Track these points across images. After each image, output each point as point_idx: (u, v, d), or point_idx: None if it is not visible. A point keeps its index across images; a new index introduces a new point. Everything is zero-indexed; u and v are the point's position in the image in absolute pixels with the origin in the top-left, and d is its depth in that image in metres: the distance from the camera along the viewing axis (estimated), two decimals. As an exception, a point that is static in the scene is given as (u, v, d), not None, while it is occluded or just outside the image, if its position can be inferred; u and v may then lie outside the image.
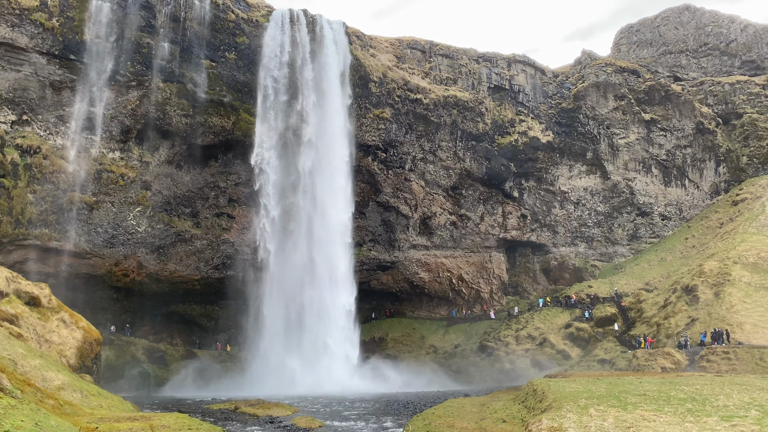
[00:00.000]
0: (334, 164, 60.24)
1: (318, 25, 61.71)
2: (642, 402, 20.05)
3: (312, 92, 59.94)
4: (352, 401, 40.22)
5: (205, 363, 59.24)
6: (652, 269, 69.08)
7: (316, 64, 60.45)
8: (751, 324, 46.61)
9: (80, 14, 50.78)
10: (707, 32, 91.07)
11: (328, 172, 60.06)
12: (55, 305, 35.33)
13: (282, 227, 58.94)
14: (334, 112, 60.49)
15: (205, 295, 64.12)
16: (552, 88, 78.00)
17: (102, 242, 53.70)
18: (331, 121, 60.42)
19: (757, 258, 54.59)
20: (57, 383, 25.51)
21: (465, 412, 27.61)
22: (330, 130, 60.39)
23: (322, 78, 60.59)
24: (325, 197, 59.55)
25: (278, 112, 58.57)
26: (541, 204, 75.30)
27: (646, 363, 46.77)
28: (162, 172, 56.73)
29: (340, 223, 59.51)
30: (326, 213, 59.20)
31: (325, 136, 60.33)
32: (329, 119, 60.41)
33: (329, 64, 60.94)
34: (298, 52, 59.82)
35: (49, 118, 50.50)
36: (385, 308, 75.34)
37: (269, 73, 58.42)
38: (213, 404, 37.56)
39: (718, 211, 73.43)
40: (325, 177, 59.91)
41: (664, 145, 77.26)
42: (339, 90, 60.84)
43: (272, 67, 58.50)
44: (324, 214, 59.16)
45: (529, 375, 54.67)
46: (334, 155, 60.38)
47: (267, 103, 58.17)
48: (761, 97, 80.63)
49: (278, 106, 58.57)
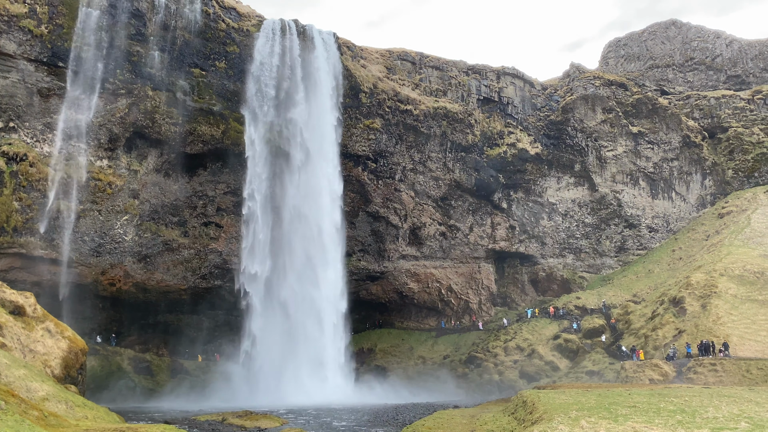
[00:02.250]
0: (324, 172, 60.20)
1: (309, 36, 61.84)
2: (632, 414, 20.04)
3: (302, 102, 59.96)
4: (341, 412, 39.92)
5: (192, 374, 58.64)
6: (640, 281, 69.44)
7: (306, 73, 60.51)
8: (737, 336, 46.89)
9: (69, 22, 50.52)
10: (693, 47, 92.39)
11: (318, 180, 59.97)
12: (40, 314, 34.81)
13: (271, 236, 58.67)
14: (324, 121, 60.54)
15: (193, 305, 63.53)
16: (541, 100, 78.61)
17: (88, 251, 53.14)
18: (321, 130, 60.46)
19: (743, 270, 55.03)
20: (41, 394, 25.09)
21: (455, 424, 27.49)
22: (320, 139, 60.41)
23: (312, 88, 60.66)
24: (315, 207, 59.39)
25: (268, 120, 58.48)
26: (529, 215, 75.63)
27: (634, 375, 46.87)
28: (150, 180, 56.36)
29: (331, 233, 59.37)
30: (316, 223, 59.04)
31: (315, 145, 60.32)
32: (319, 129, 60.45)
33: (320, 75, 61.05)
34: (289, 62, 59.84)
35: (37, 125, 50.06)
36: (374, 319, 75.13)
37: (259, 83, 58.39)
38: (200, 415, 37.11)
39: (704, 224, 74.09)
40: (315, 186, 59.80)
41: (651, 158, 77.99)
42: (329, 100, 60.92)
43: (262, 76, 58.47)
44: (314, 224, 58.98)
45: (518, 386, 54.66)
46: (324, 163, 60.35)
47: (256, 112, 58.08)
48: (746, 112, 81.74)
49: (268, 114, 58.49)
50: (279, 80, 59.13)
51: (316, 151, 60.13)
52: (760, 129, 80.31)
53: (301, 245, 58.64)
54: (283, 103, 59.34)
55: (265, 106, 58.34)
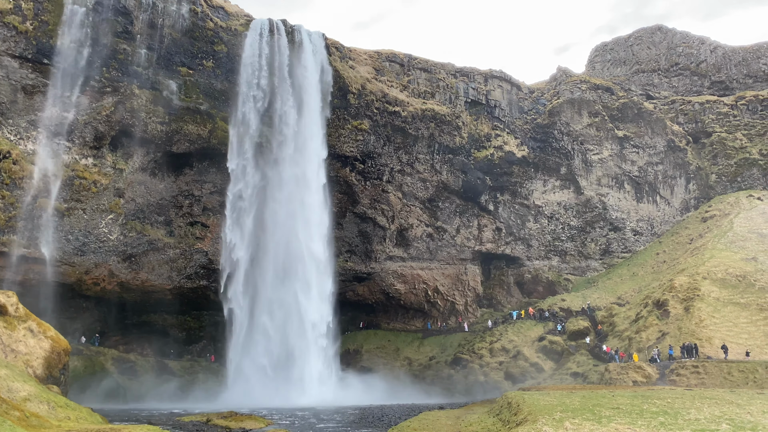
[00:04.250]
0: (311, 173, 60.02)
1: (297, 36, 61.71)
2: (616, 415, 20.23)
3: (290, 102, 59.79)
4: (327, 413, 39.87)
5: (176, 374, 58.23)
6: (624, 283, 70.05)
7: (294, 74, 60.34)
8: (719, 339, 47.48)
9: (55, 18, 50.01)
10: (678, 52, 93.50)
11: (304, 181, 59.80)
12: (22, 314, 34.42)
13: (256, 237, 58.44)
14: (312, 122, 60.39)
15: (178, 305, 63.10)
16: (528, 103, 79.06)
17: (72, 250, 52.60)
18: (308, 131, 60.28)
19: (725, 274, 55.72)
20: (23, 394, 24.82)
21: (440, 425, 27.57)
22: (307, 140, 60.23)
23: (300, 88, 60.51)
24: (301, 208, 59.19)
25: (255, 121, 58.26)
26: (515, 217, 76.02)
27: (618, 376, 47.30)
28: (136, 179, 55.93)
29: (317, 233, 59.17)
30: (302, 224, 58.82)
31: (302, 146, 60.14)
32: (307, 129, 60.27)
33: (308, 75, 60.91)
34: (277, 62, 59.64)
35: (21, 122, 49.49)
36: (360, 320, 75.07)
37: (247, 82, 58.16)
38: (184, 416, 36.88)
39: (688, 227, 74.92)
40: (302, 187, 59.61)
41: (636, 162, 78.72)
42: (317, 100, 60.78)
43: (250, 76, 58.25)
44: (300, 225, 58.77)
45: (503, 388, 54.90)
46: (311, 164, 60.18)
47: (244, 112, 57.85)
48: (730, 117, 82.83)
49: (255, 115, 58.26)
50: (267, 80, 58.93)
51: (303, 152, 59.92)
52: (743, 134, 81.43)
53: (287, 246, 58.37)
54: (270, 103, 59.13)
55: (253, 106, 58.10)
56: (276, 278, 57.50)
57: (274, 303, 57.03)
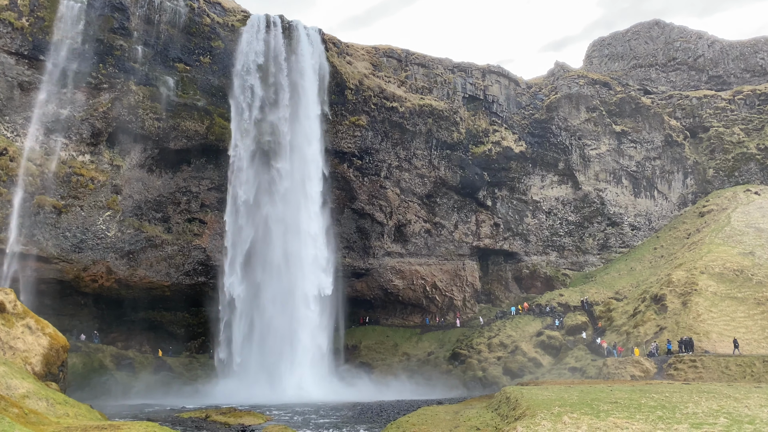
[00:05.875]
0: (309, 169, 59.98)
1: (294, 31, 61.54)
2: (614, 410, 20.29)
3: (287, 98, 59.67)
4: (326, 409, 39.93)
5: (175, 371, 58.21)
6: (622, 278, 70.18)
7: (291, 69, 60.21)
8: (716, 333, 47.62)
9: (51, 14, 49.80)
10: (676, 47, 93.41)
11: (302, 177, 59.75)
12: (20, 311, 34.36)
13: (255, 233, 58.39)
14: (310, 117, 60.31)
15: (176, 302, 63.03)
16: (525, 98, 78.98)
17: (70, 247, 52.52)
18: (306, 126, 60.21)
19: (722, 268, 55.83)
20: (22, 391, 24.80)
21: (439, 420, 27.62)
22: (305, 136, 60.17)
23: (297, 84, 60.37)
24: (299, 203, 59.16)
25: (253, 117, 58.15)
26: (513, 213, 76.05)
27: (616, 371, 47.42)
28: (133, 176, 55.81)
29: (316, 229, 59.15)
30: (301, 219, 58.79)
31: (299, 142, 60.08)
32: (304, 125, 60.21)
33: (305, 71, 60.78)
34: (274, 58, 59.51)
35: (17, 119, 49.33)
36: (358, 316, 75.12)
37: (244, 78, 58.02)
38: (183, 413, 36.91)
39: (685, 222, 75.01)
40: (300, 182, 59.58)
41: (634, 157, 78.76)
42: (315, 96, 60.69)
43: (248, 71, 58.11)
44: (298, 220, 58.74)
45: (501, 383, 55.01)
46: (308, 160, 60.13)
47: (242, 108, 57.73)
48: (727, 112, 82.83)
49: (253, 111, 58.16)
50: (264, 76, 58.80)
51: (300, 148, 59.86)
52: (741, 129, 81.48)
53: (285, 241, 58.35)
54: (267, 99, 59.02)
55: (250, 102, 57.99)
56: (275, 274, 57.48)
57: (273, 299, 57.01)
